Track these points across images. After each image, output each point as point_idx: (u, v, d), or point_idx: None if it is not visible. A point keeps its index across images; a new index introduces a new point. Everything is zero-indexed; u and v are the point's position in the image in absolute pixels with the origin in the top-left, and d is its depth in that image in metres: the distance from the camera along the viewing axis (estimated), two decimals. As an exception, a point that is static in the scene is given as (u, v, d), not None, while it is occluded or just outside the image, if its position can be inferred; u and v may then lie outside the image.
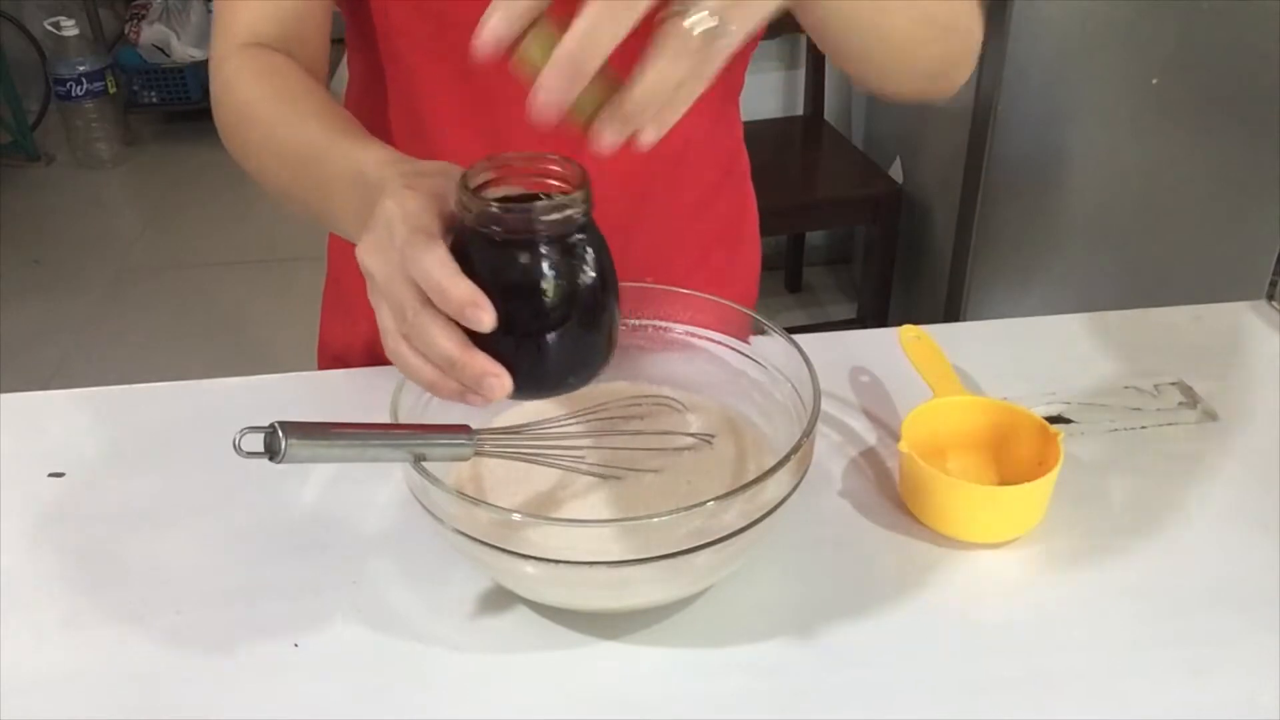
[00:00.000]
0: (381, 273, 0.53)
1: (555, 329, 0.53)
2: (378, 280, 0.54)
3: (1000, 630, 0.66)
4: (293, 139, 0.71)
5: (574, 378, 0.57)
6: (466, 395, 0.54)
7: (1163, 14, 1.74)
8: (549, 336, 0.53)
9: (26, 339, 2.67)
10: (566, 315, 0.53)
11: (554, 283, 0.53)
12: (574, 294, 0.53)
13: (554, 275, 0.53)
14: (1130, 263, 1.98)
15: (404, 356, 0.54)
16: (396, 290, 0.53)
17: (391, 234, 0.53)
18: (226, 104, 0.77)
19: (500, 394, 0.53)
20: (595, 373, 0.57)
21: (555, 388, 0.57)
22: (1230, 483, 0.77)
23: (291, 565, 0.71)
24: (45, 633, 0.67)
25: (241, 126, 0.76)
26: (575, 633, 0.66)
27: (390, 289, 0.53)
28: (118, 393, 0.89)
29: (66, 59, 3.36)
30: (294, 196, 0.72)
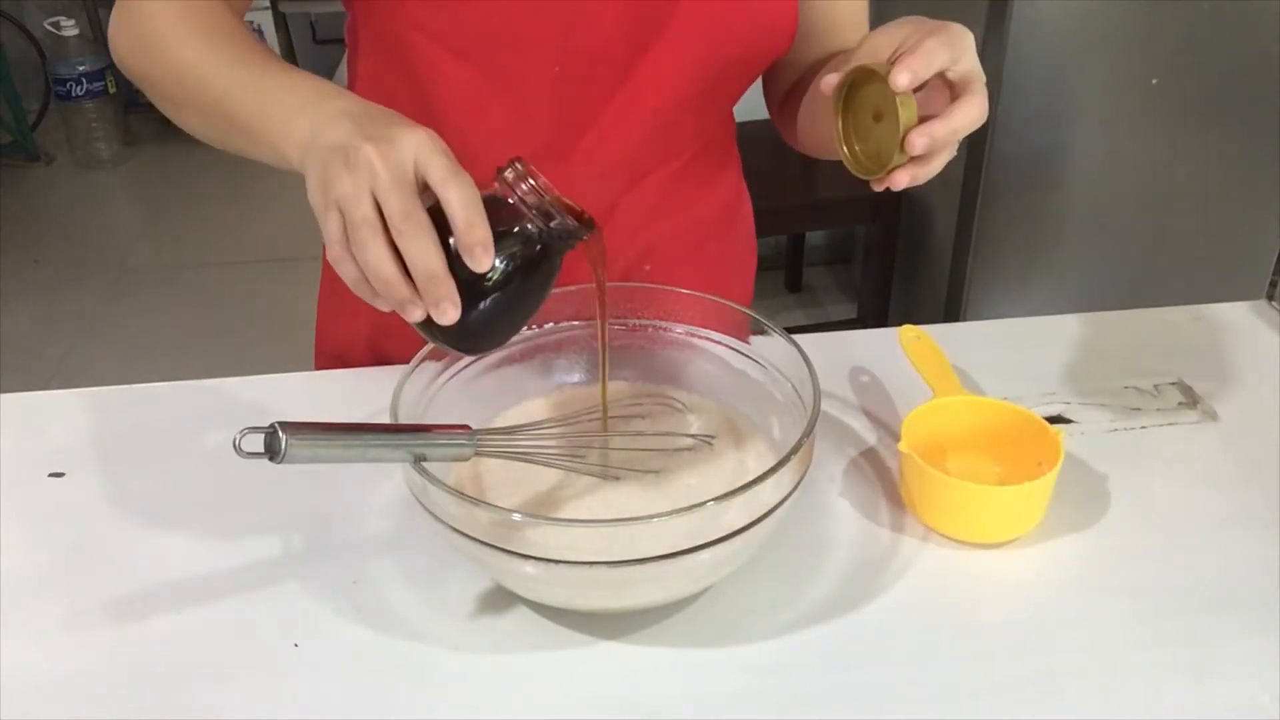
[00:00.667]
0: (394, 170, 0.57)
1: (508, 296, 0.61)
2: (386, 175, 0.57)
3: (1000, 630, 0.66)
4: (228, 52, 0.71)
5: (487, 337, 0.65)
6: (408, 306, 0.58)
7: (1163, 14, 1.74)
8: (502, 298, 0.61)
9: (26, 339, 2.67)
10: (520, 292, 0.62)
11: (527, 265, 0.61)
12: (529, 280, 0.62)
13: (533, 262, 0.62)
14: (1130, 263, 1.98)
15: (372, 247, 0.57)
16: (405, 193, 0.57)
17: (430, 144, 0.58)
18: (136, 24, 0.75)
19: (448, 319, 0.58)
20: (490, 345, 0.70)
21: (477, 339, 0.64)
22: (1230, 483, 0.77)
23: (291, 565, 0.71)
24: (45, 633, 0.67)
25: (155, 48, 0.74)
26: (575, 633, 0.66)
27: (398, 188, 0.57)
28: (118, 393, 0.89)
29: (66, 59, 3.36)
30: (203, 105, 0.72)
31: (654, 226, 0.92)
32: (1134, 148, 1.87)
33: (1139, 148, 1.87)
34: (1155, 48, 1.77)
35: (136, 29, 0.75)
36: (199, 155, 3.51)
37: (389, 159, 0.57)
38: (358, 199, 0.57)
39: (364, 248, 0.57)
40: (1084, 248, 1.98)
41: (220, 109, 0.70)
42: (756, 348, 0.76)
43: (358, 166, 0.57)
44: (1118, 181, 1.90)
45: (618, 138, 0.84)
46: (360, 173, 0.57)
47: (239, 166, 3.46)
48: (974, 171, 1.90)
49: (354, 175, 0.57)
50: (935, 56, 0.64)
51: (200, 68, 0.71)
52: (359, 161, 0.57)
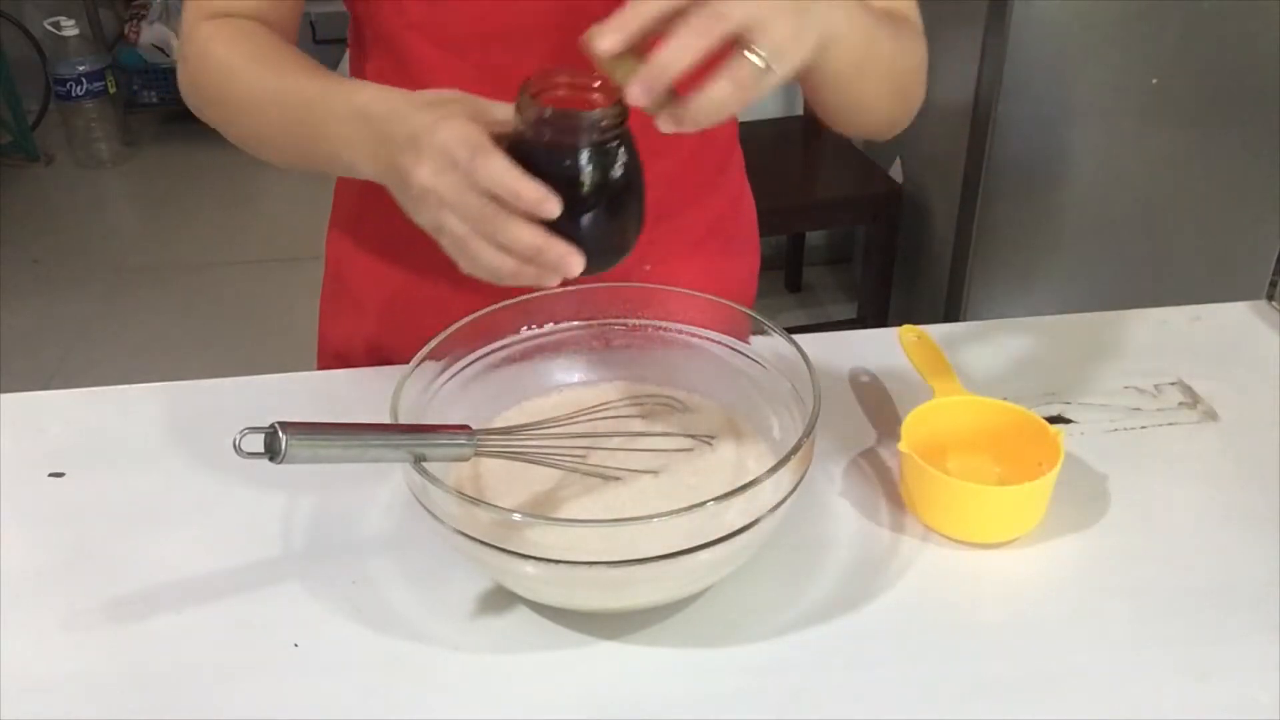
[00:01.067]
0: (451, 190, 0.61)
1: (601, 209, 0.64)
2: (447, 196, 0.61)
3: (1000, 630, 0.66)
4: (281, 88, 0.75)
5: (617, 251, 0.67)
6: (544, 277, 0.63)
7: (1163, 14, 1.74)
8: (597, 215, 0.64)
9: (26, 339, 2.66)
10: (608, 198, 0.64)
11: (595, 174, 0.63)
12: (608, 183, 0.64)
13: (596, 168, 0.63)
14: (1130, 263, 1.98)
15: (484, 255, 0.62)
16: (470, 201, 0.61)
17: (452, 155, 0.61)
18: (202, 65, 0.80)
19: (577, 269, 0.62)
20: (631, 245, 0.68)
21: (609, 258, 0.67)
22: (1230, 483, 0.77)
23: (291, 565, 0.71)
24: (45, 633, 0.67)
25: (221, 84, 0.79)
26: (575, 633, 0.66)
27: (463, 201, 0.61)
28: (118, 393, 0.89)
29: (66, 59, 3.35)
30: (281, 145, 0.77)
31: (654, 225, 0.92)
32: (1134, 148, 1.87)
33: (1139, 148, 1.87)
34: (1155, 48, 1.77)
35: (196, 79, 0.81)
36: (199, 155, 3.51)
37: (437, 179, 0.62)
38: (439, 224, 0.63)
39: (474, 260, 0.63)
40: (1084, 248, 1.98)
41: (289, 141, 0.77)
42: (756, 348, 0.76)
43: (421, 198, 0.63)
44: (1118, 181, 1.90)
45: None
46: (426, 201, 0.63)
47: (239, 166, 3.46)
48: (974, 171, 1.90)
49: (423, 205, 0.63)
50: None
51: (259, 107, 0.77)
52: (417, 192, 0.63)
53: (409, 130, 0.64)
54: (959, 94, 1.93)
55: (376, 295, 0.94)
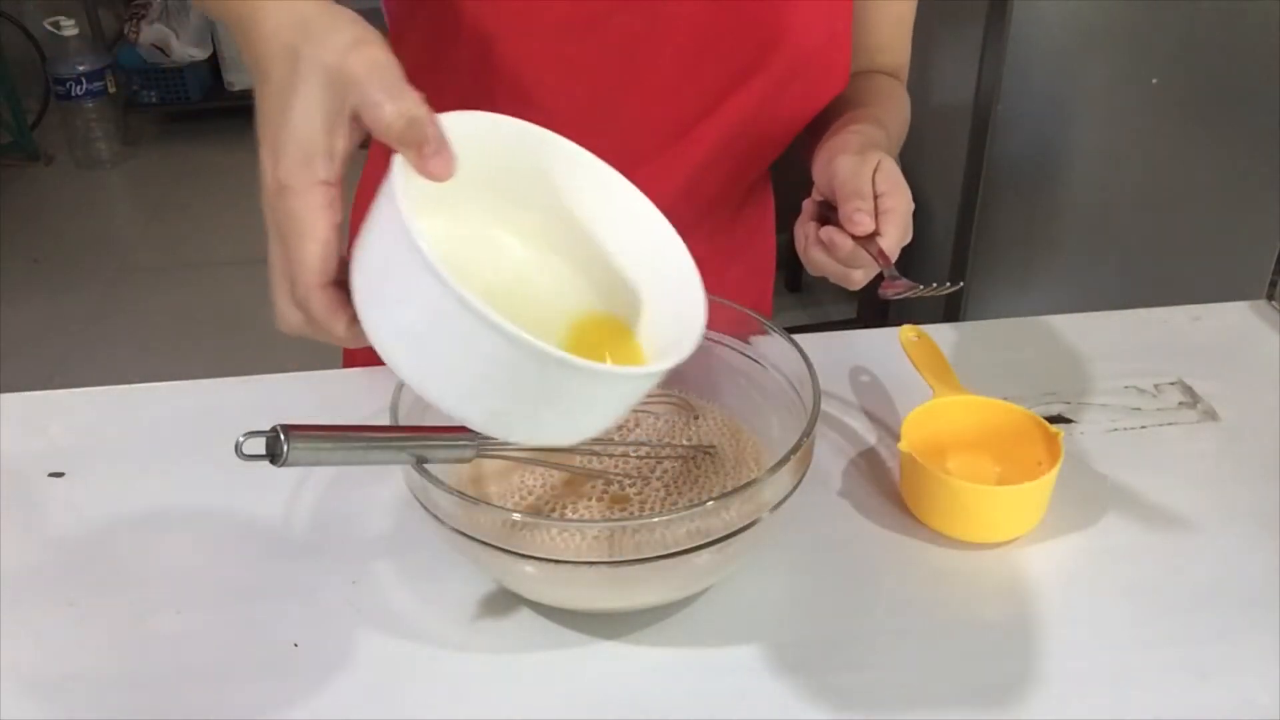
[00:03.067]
0: (276, 257, 0.53)
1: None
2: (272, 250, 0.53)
3: (1000, 630, 0.66)
4: None
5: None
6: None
7: (1163, 14, 1.74)
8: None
9: (26, 339, 2.67)
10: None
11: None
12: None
13: None
14: (1130, 262, 1.98)
15: (280, 299, 0.54)
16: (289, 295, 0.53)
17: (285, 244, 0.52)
18: None
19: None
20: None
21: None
22: (1230, 483, 0.77)
23: (291, 565, 0.71)
24: (45, 633, 0.67)
25: None
26: (575, 633, 0.66)
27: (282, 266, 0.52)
28: (118, 393, 0.89)
29: (66, 59, 3.36)
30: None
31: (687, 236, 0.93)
32: (1134, 148, 1.87)
33: (1139, 148, 1.87)
34: (1155, 48, 1.77)
35: None
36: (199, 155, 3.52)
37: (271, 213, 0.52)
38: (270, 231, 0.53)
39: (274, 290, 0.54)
40: (1084, 247, 1.98)
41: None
42: (756, 348, 0.76)
43: (264, 200, 0.53)
44: (1118, 181, 1.90)
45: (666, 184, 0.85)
46: (266, 210, 0.53)
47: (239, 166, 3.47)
48: (974, 171, 1.90)
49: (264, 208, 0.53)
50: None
51: None
52: (265, 187, 0.52)
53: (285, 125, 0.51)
54: (959, 94, 1.93)
55: None
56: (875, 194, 0.70)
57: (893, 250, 0.69)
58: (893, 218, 0.69)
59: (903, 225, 0.70)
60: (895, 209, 0.69)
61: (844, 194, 0.70)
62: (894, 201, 0.69)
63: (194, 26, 3.59)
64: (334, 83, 0.50)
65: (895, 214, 0.69)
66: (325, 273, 0.51)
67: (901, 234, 0.70)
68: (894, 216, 0.69)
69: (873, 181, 0.70)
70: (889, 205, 0.69)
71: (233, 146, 3.55)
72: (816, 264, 0.73)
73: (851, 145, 0.74)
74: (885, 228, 0.69)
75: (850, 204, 0.69)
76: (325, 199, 0.50)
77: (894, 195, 0.70)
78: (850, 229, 0.69)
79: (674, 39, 0.79)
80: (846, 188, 0.70)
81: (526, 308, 0.58)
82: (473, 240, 0.58)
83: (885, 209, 0.69)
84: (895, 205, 0.69)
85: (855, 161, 0.71)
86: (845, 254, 0.70)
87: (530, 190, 0.57)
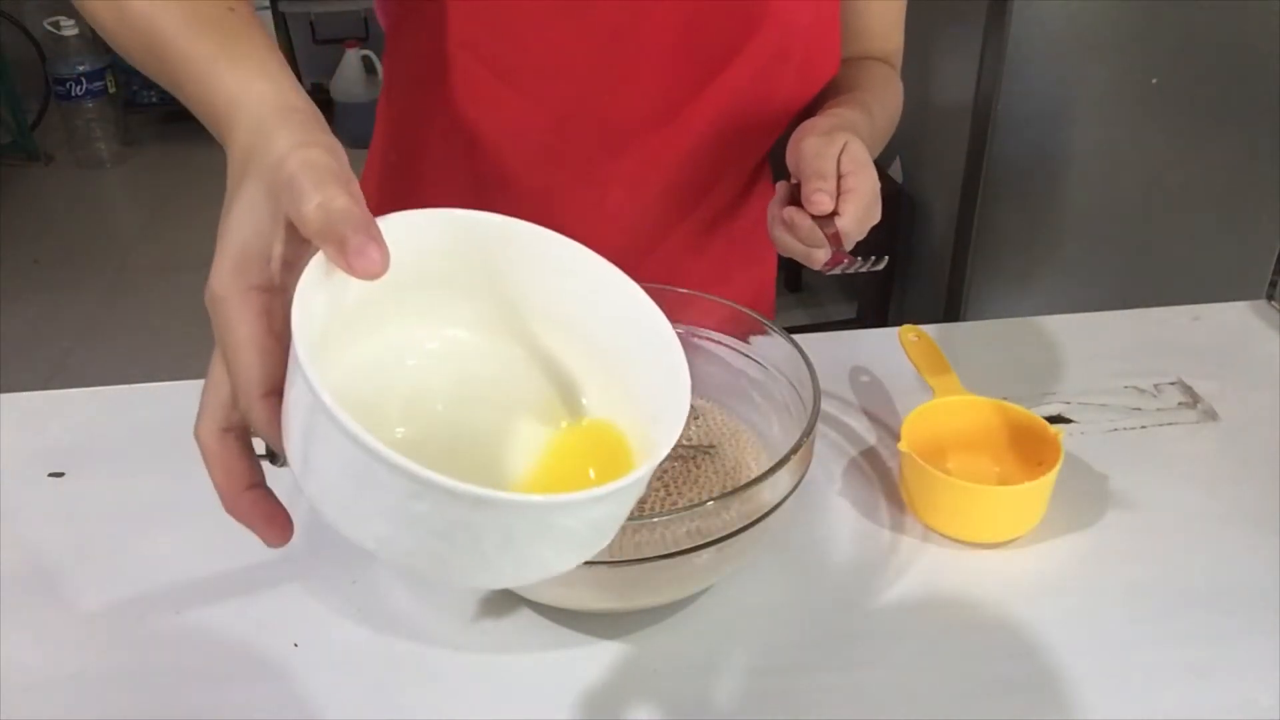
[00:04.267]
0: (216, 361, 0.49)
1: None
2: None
3: (1000, 630, 0.66)
4: (158, 20, 0.59)
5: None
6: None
7: (1163, 14, 1.74)
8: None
9: (26, 339, 2.67)
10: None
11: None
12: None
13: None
14: (1130, 263, 1.98)
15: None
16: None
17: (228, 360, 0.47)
18: None
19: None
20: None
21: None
22: (1230, 483, 0.77)
23: (291, 565, 0.71)
24: (45, 633, 0.67)
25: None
26: (575, 633, 0.66)
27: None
28: (118, 393, 0.89)
29: (66, 59, 3.36)
30: (147, 71, 0.62)
31: (690, 260, 0.93)
32: (1134, 148, 1.87)
33: (1139, 148, 1.87)
34: (1155, 48, 1.77)
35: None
36: (199, 155, 3.52)
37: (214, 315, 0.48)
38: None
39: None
40: (1084, 247, 1.98)
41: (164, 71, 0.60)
42: (756, 348, 0.76)
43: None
44: (1118, 181, 1.90)
45: (659, 170, 0.85)
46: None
47: (239, 166, 3.46)
48: (974, 171, 1.90)
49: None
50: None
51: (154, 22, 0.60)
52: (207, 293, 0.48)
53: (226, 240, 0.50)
54: (959, 94, 1.93)
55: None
56: (840, 174, 0.71)
57: (854, 230, 0.71)
58: (853, 198, 0.70)
59: (864, 205, 0.71)
60: (857, 189, 0.70)
61: (806, 173, 0.71)
62: (856, 182, 0.71)
63: (194, 26, 3.59)
64: (272, 185, 0.47)
65: (856, 194, 0.70)
66: (263, 383, 0.45)
67: (863, 214, 0.71)
68: (854, 197, 0.70)
69: (838, 162, 0.71)
70: (850, 185, 0.71)
71: (233, 146, 3.54)
72: (780, 243, 0.74)
73: (820, 126, 0.75)
74: (845, 207, 0.70)
75: (811, 184, 0.70)
76: (260, 305, 0.46)
77: (856, 176, 0.71)
78: (809, 208, 0.70)
79: (658, 20, 0.79)
80: (809, 167, 0.71)
81: (488, 417, 0.52)
82: (429, 350, 0.52)
83: (846, 189, 0.70)
84: (857, 186, 0.71)
85: (821, 142, 0.72)
86: (804, 233, 0.71)
87: (490, 282, 0.51)
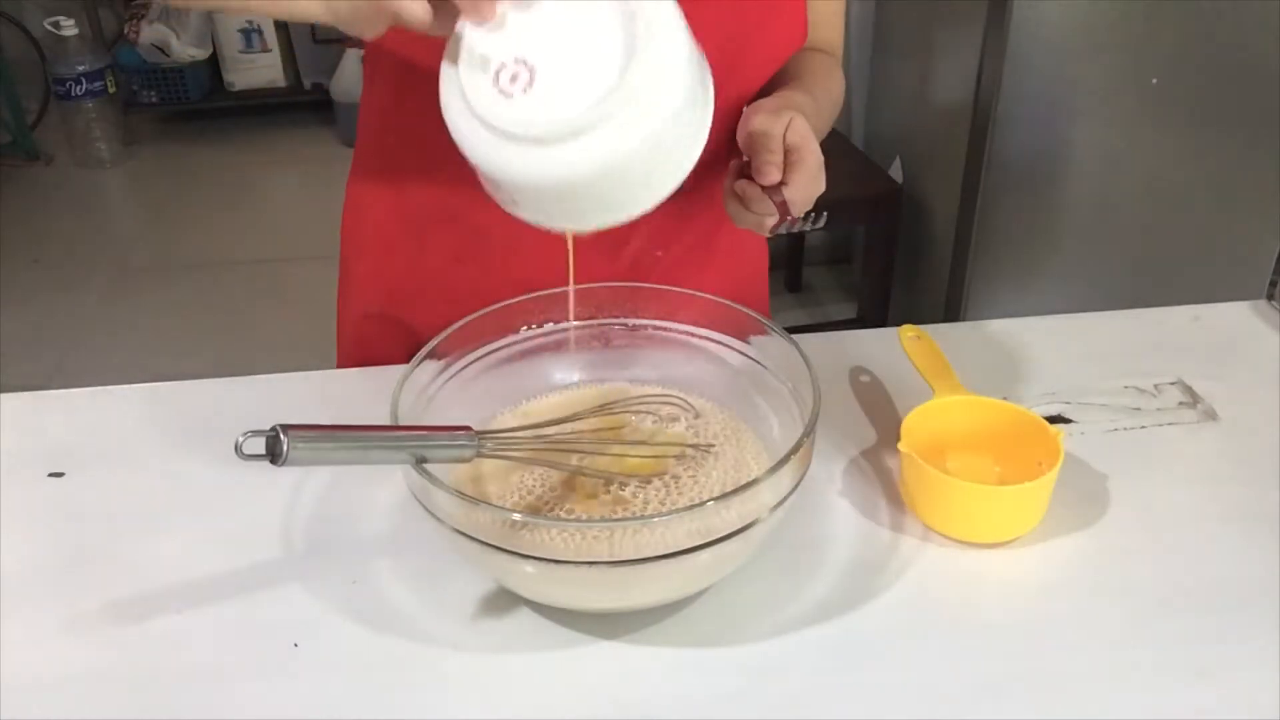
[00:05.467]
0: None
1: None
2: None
3: (1000, 630, 0.66)
4: None
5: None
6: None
7: (1163, 14, 1.74)
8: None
9: (26, 339, 2.66)
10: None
11: None
12: None
13: None
14: (1130, 262, 1.98)
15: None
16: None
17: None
18: None
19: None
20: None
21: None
22: (1230, 483, 0.77)
23: (291, 565, 0.71)
24: (45, 633, 0.67)
25: None
26: (575, 633, 0.66)
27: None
28: (118, 393, 0.89)
29: (66, 59, 3.35)
30: None
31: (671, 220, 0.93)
32: (1134, 148, 1.87)
33: (1139, 148, 1.87)
34: (1155, 48, 1.77)
35: None
36: (199, 155, 3.52)
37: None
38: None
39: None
40: (1084, 247, 1.98)
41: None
42: (756, 348, 0.76)
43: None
44: (1118, 181, 1.90)
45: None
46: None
47: (239, 166, 3.47)
48: (974, 171, 1.90)
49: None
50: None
51: None
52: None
53: None
54: (959, 94, 1.93)
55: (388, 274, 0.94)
56: (787, 149, 0.76)
57: (799, 199, 0.75)
58: (799, 169, 0.75)
59: (809, 176, 0.76)
60: (803, 161, 0.75)
61: (755, 147, 0.76)
62: (802, 155, 0.75)
63: (194, 26, 3.59)
64: None
65: (802, 166, 0.75)
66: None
67: (808, 183, 0.76)
68: (801, 168, 0.75)
69: (784, 138, 0.76)
70: (796, 158, 0.75)
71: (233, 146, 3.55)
72: (734, 215, 0.79)
73: (768, 106, 0.79)
74: (791, 178, 0.75)
75: (760, 156, 0.75)
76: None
77: (802, 149, 0.76)
78: (758, 179, 0.75)
79: None
80: (758, 142, 0.76)
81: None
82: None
83: (793, 161, 0.75)
84: (803, 159, 0.75)
85: (768, 118, 0.77)
86: (754, 203, 0.76)
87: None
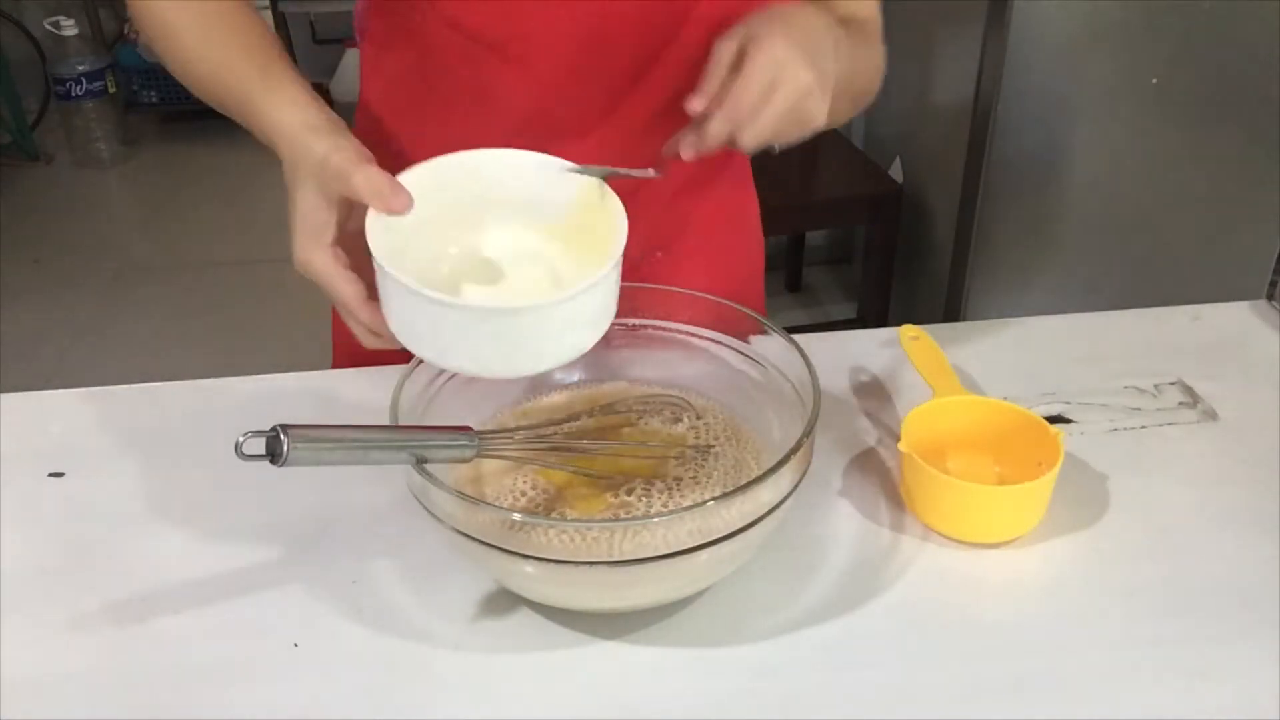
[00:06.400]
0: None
1: None
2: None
3: (1000, 630, 0.66)
4: (216, 73, 0.77)
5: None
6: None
7: (1163, 14, 1.74)
8: None
9: (26, 339, 2.66)
10: None
11: None
12: None
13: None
14: (1130, 263, 1.98)
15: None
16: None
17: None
18: (145, 12, 0.79)
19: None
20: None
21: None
22: (1230, 483, 0.77)
23: (291, 565, 0.71)
24: (45, 633, 0.67)
25: (162, 40, 0.79)
26: (575, 633, 0.66)
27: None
28: (118, 393, 0.89)
29: (66, 59, 3.35)
30: (219, 105, 0.79)
31: (669, 212, 0.93)
32: (1134, 148, 1.87)
33: (1139, 148, 1.87)
34: (1155, 48, 1.77)
35: (140, 20, 0.80)
36: (199, 155, 3.51)
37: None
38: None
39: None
40: (1084, 247, 1.98)
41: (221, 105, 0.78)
42: (756, 348, 0.76)
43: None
44: (1118, 181, 1.90)
45: (635, 122, 0.85)
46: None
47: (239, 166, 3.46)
48: (974, 171, 1.90)
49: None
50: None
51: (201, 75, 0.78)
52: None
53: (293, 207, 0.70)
54: (959, 94, 1.93)
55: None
56: (746, 74, 0.69)
57: (718, 131, 0.69)
58: (731, 99, 0.68)
59: (745, 107, 0.68)
60: (743, 90, 0.68)
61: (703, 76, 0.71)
62: (746, 72, 0.68)
63: (194, 26, 3.58)
64: (320, 177, 0.68)
65: (735, 95, 0.68)
66: (360, 294, 0.67)
67: (746, 116, 0.68)
68: (733, 97, 0.68)
69: (744, 58, 0.69)
70: (738, 86, 0.68)
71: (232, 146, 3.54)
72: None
73: (737, 32, 0.72)
74: (718, 109, 0.68)
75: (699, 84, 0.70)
76: (333, 253, 0.68)
77: (749, 77, 0.68)
78: (687, 109, 0.70)
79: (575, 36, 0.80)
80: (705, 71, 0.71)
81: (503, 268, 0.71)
82: (452, 253, 0.71)
83: (731, 89, 0.68)
84: (746, 75, 0.68)
85: (722, 47, 0.71)
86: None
87: (476, 194, 0.70)
